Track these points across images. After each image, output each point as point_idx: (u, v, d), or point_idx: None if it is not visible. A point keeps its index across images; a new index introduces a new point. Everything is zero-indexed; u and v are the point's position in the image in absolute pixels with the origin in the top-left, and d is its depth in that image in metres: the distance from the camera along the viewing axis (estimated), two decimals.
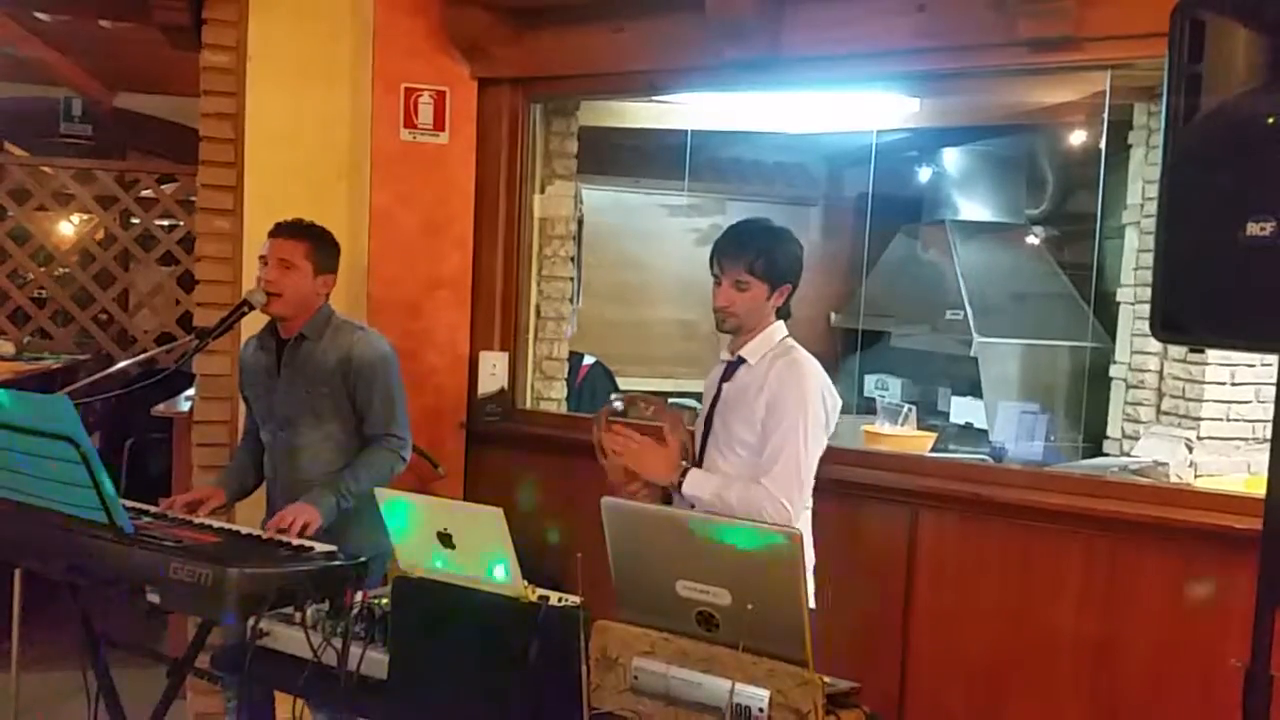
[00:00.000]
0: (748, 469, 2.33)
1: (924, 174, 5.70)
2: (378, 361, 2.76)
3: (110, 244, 5.59)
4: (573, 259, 4.30)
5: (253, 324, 2.88)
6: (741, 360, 2.41)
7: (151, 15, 3.70)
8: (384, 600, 1.99)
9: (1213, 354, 3.58)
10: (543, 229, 4.09)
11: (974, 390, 4.93)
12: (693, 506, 2.31)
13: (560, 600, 1.82)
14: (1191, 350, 3.53)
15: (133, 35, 4.97)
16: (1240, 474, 3.55)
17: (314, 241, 2.75)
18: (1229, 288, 1.76)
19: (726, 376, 2.43)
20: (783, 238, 2.42)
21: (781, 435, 2.27)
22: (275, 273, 2.69)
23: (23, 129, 6.95)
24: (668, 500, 2.42)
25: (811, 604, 2.35)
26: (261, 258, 2.73)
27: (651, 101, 4.38)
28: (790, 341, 2.41)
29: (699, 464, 2.41)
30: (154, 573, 2.06)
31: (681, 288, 6.13)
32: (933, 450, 4.22)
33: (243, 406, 2.96)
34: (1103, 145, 4.06)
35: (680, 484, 2.32)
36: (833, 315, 5.84)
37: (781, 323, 2.43)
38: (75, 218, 6.55)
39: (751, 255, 2.34)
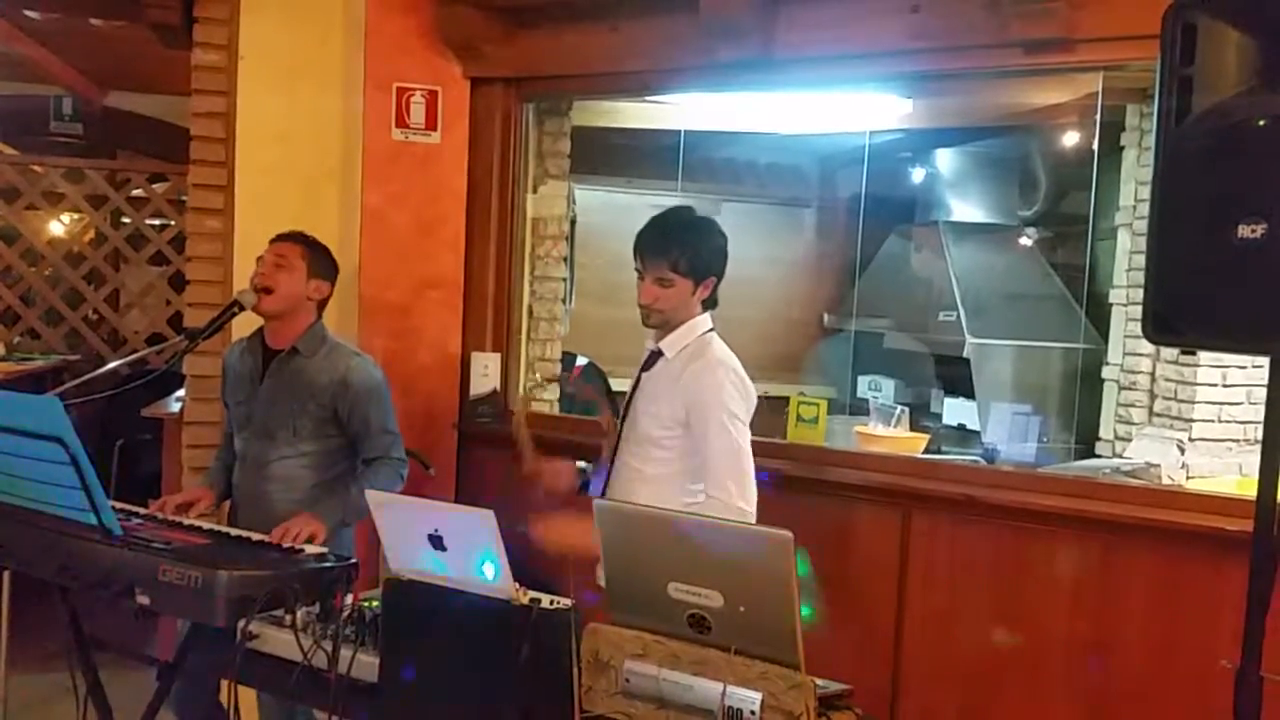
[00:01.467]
0: (652, 465, 2.32)
1: (917, 175, 5.71)
2: (375, 389, 2.75)
3: (101, 244, 5.56)
4: (565, 259, 4.30)
5: (243, 326, 2.87)
6: (659, 352, 2.40)
7: (142, 14, 3.69)
8: (374, 603, 1.99)
9: (1205, 355, 3.58)
10: (535, 229, 4.08)
11: (967, 391, 4.93)
12: None
13: (551, 603, 1.81)
14: (1183, 352, 3.54)
15: (124, 34, 4.95)
16: (1232, 475, 3.55)
17: (309, 246, 2.77)
18: (1221, 289, 1.76)
19: (646, 367, 2.43)
20: (706, 231, 2.39)
21: (713, 439, 2.26)
22: (269, 269, 2.69)
23: (13, 127, 6.92)
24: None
25: None
26: (258, 259, 2.73)
27: (645, 101, 4.38)
28: (708, 337, 2.39)
29: (614, 455, 2.39)
30: (144, 575, 2.06)
31: None
32: (925, 452, 4.23)
33: (223, 411, 2.94)
34: (1095, 146, 4.07)
35: None
36: (826, 316, 5.83)
37: (706, 315, 2.41)
38: (65, 217, 6.52)
39: (675, 252, 2.31)
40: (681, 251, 2.31)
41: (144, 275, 5.78)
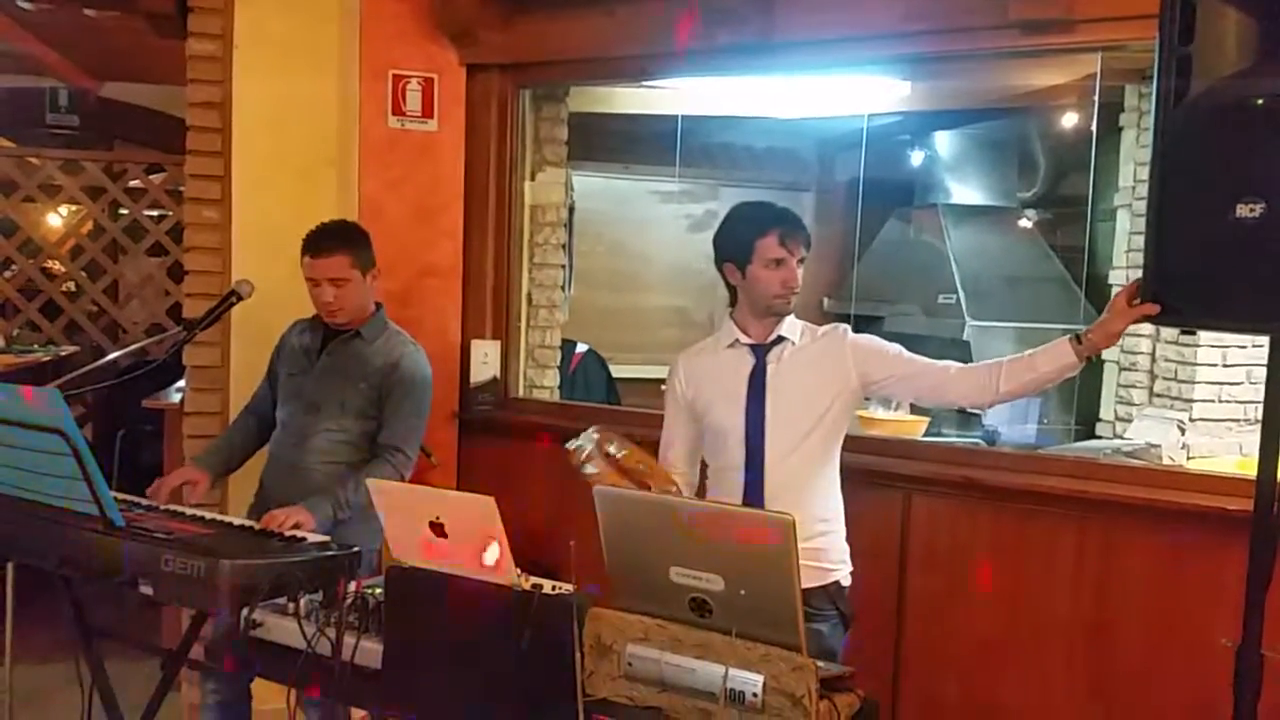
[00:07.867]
0: (830, 458, 2.37)
1: (916, 158, 5.70)
2: (419, 382, 2.81)
3: (99, 235, 5.55)
4: (564, 246, 4.29)
5: (241, 315, 2.87)
6: (780, 339, 2.36)
7: (137, 3, 3.67)
8: (377, 590, 1.99)
9: (1204, 336, 3.58)
10: (533, 216, 4.08)
11: None
12: None
13: (553, 588, 1.82)
14: (1183, 332, 3.53)
15: (118, 24, 4.91)
16: (1232, 455, 3.56)
17: (351, 247, 2.78)
18: (1220, 269, 1.76)
19: (764, 361, 2.36)
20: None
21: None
22: (332, 292, 2.73)
23: (8, 119, 6.89)
24: None
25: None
26: (310, 280, 2.75)
27: (642, 87, 4.36)
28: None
29: (754, 463, 2.31)
30: (147, 565, 2.06)
31: (674, 274, 6.11)
32: (926, 434, 4.23)
33: (256, 384, 2.97)
34: (1094, 127, 4.06)
35: None
36: (825, 300, 5.83)
37: None
38: (63, 209, 6.50)
39: (808, 232, 2.36)
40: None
41: (143, 266, 5.77)
